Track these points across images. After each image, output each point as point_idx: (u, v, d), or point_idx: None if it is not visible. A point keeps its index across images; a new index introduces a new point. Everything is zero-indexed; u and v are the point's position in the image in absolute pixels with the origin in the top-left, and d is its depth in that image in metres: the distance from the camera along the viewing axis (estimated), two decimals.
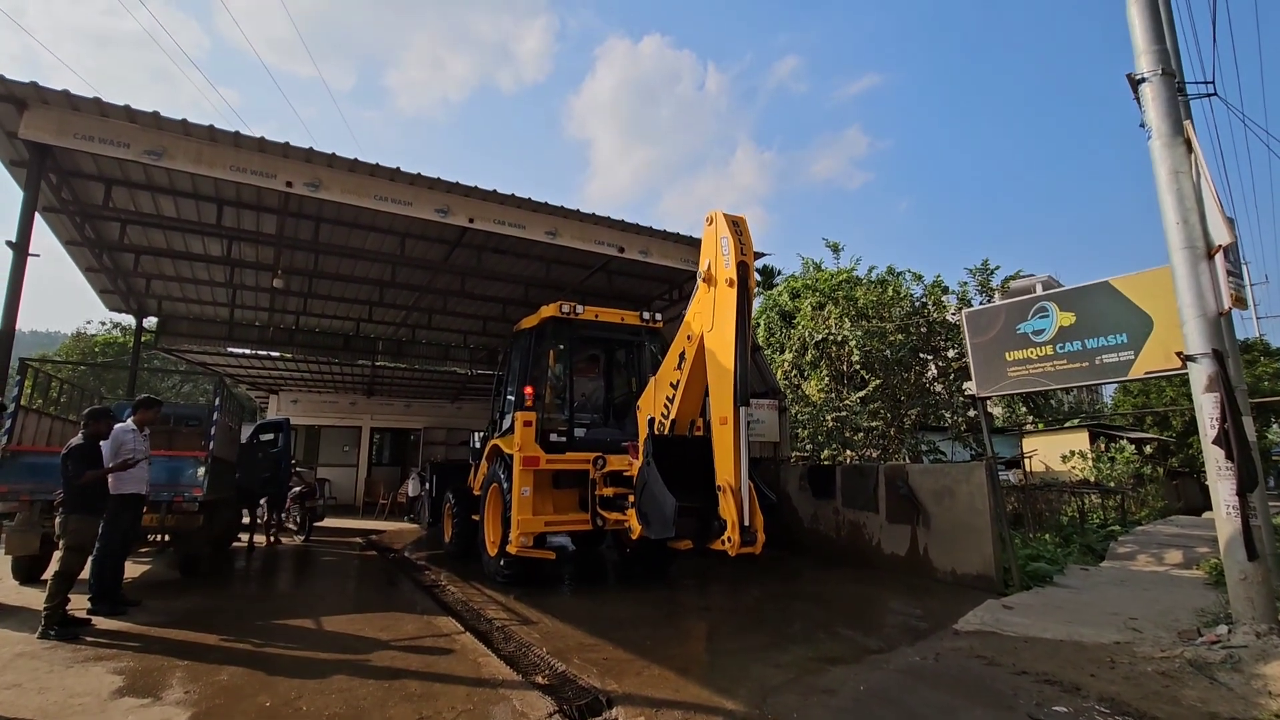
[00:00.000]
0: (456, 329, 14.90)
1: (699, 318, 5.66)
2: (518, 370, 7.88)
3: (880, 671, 4.46)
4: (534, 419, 6.96)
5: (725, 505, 4.89)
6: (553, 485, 7.18)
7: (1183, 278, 5.27)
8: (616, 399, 8.35)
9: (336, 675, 4.25)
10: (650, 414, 6.20)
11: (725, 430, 5.04)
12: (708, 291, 5.49)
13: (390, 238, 9.77)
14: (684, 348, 5.87)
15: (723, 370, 5.18)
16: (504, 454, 7.22)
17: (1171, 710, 3.78)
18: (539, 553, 6.88)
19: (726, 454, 4.99)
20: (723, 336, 5.23)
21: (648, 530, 5.48)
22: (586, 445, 7.21)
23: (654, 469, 5.36)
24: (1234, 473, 4.76)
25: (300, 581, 7.51)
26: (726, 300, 5.22)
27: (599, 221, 8.99)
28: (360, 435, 19.53)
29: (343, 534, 12.28)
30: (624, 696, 3.98)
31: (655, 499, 5.29)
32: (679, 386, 5.92)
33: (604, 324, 7.66)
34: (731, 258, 5.23)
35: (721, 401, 5.13)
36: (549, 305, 7.45)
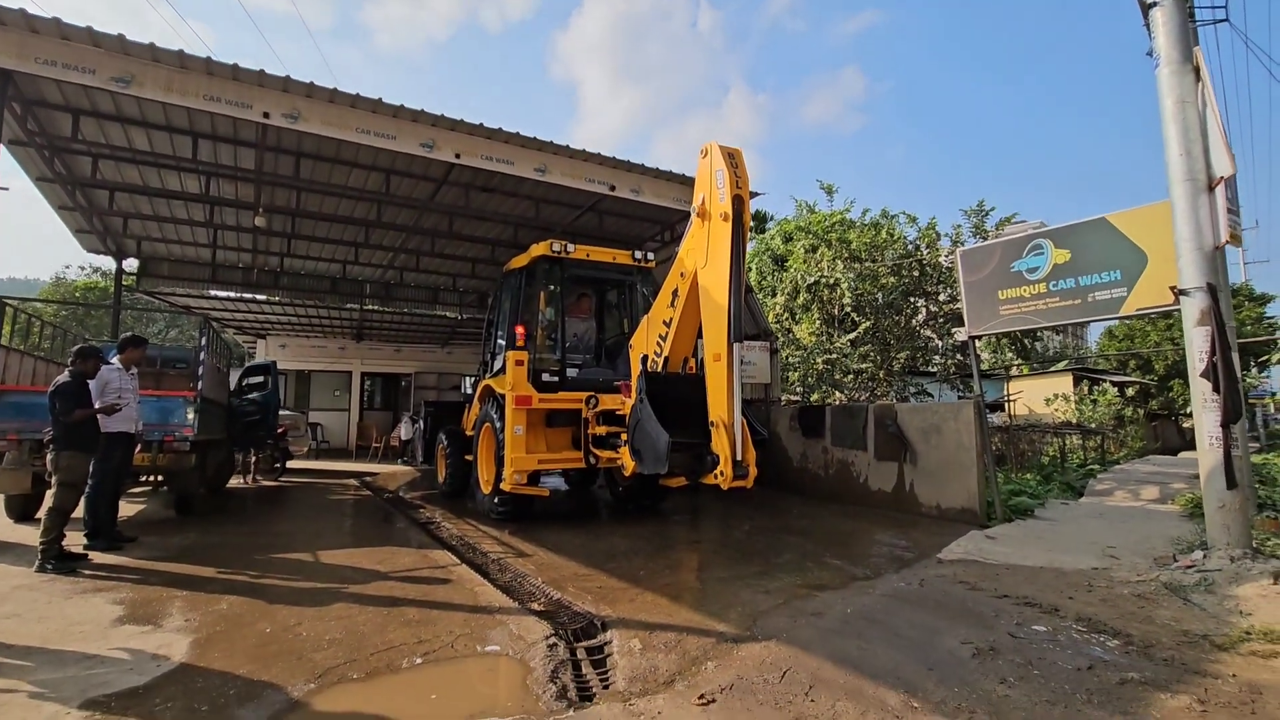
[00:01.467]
0: (445, 271, 14.68)
1: (692, 254, 5.56)
2: (508, 311, 7.80)
3: (866, 596, 4.60)
4: (526, 358, 6.92)
5: (718, 440, 4.93)
6: (545, 424, 7.20)
7: (1182, 211, 5.21)
8: (608, 339, 8.26)
9: (335, 603, 4.33)
10: (643, 352, 6.16)
11: (719, 367, 5.04)
12: (702, 227, 5.38)
13: (375, 174, 9.48)
14: (677, 285, 5.79)
15: (716, 307, 5.12)
16: (496, 394, 7.20)
17: (1145, 629, 3.93)
18: (533, 490, 6.94)
19: (720, 390, 4.99)
20: (717, 272, 5.15)
21: (641, 466, 5.51)
22: (579, 385, 7.18)
23: (647, 406, 5.37)
24: (1220, 405, 4.82)
25: (297, 520, 7.59)
26: (721, 235, 5.12)
27: (589, 158, 8.74)
28: (351, 380, 19.50)
29: (337, 476, 12.38)
30: (618, 621, 4.09)
31: (648, 435, 5.31)
32: (672, 324, 5.86)
33: (595, 263, 7.58)
34: (726, 191, 5.07)
35: (715, 338, 5.10)
36: (539, 244, 7.31)
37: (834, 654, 3.50)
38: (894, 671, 3.28)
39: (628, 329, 8.03)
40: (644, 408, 5.40)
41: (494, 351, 8.15)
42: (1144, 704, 2.98)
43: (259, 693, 3.02)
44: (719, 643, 3.73)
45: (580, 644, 3.78)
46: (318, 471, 13.10)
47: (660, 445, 5.12)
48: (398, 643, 3.65)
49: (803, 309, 14.22)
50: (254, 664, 3.33)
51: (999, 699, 3.02)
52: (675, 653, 3.58)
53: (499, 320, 8.22)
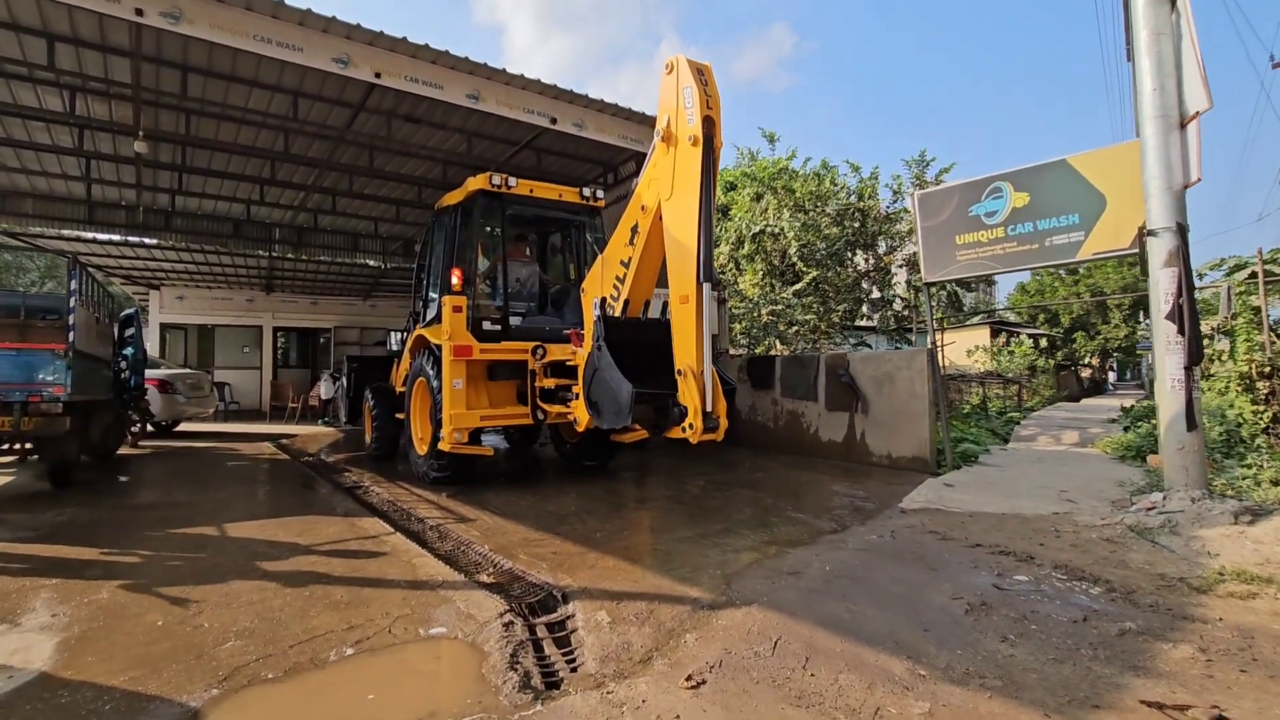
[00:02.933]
0: (366, 215, 13.45)
1: (655, 184, 4.98)
2: (442, 252, 7.06)
3: (841, 551, 4.36)
4: (465, 304, 6.26)
5: (686, 390, 4.51)
6: (487, 377, 6.60)
7: (1153, 149, 5.06)
8: (553, 285, 7.67)
9: (245, 585, 3.70)
10: (597, 295, 5.61)
11: (686, 310, 4.57)
12: (666, 153, 4.79)
13: (280, 96, 8.29)
14: (636, 220, 5.20)
15: (683, 243, 4.61)
16: (431, 345, 6.54)
17: (1122, 574, 3.85)
18: (474, 449, 6.37)
19: (688, 335, 4.54)
20: (684, 204, 4.61)
21: (599, 420, 5.05)
22: (523, 335, 6.60)
23: (606, 354, 4.87)
24: (1184, 347, 4.77)
25: (200, 489, 6.73)
26: (689, 161, 4.57)
27: (528, 85, 7.92)
28: (261, 335, 17.96)
29: (249, 439, 11.31)
30: (580, 591, 3.66)
31: (608, 386, 4.85)
32: (631, 264, 5.31)
33: (540, 200, 6.88)
34: (696, 111, 4.50)
35: (682, 278, 4.60)
36: (476, 177, 6.57)
37: (823, 619, 3.20)
38: (891, 635, 3.01)
39: (575, 274, 7.48)
40: (603, 356, 4.90)
41: (426, 299, 7.45)
42: (1149, 656, 2.83)
43: (144, 706, 2.42)
44: (695, 610, 3.37)
45: (539, 620, 3.34)
46: (226, 435, 11.96)
47: (622, 396, 4.66)
48: (323, 630, 3.10)
49: (747, 259, 13.92)
50: (139, 668, 2.71)
51: (1005, 659, 2.79)
52: (649, 625, 3.20)
53: (431, 264, 7.47)
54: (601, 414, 4.98)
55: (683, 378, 4.53)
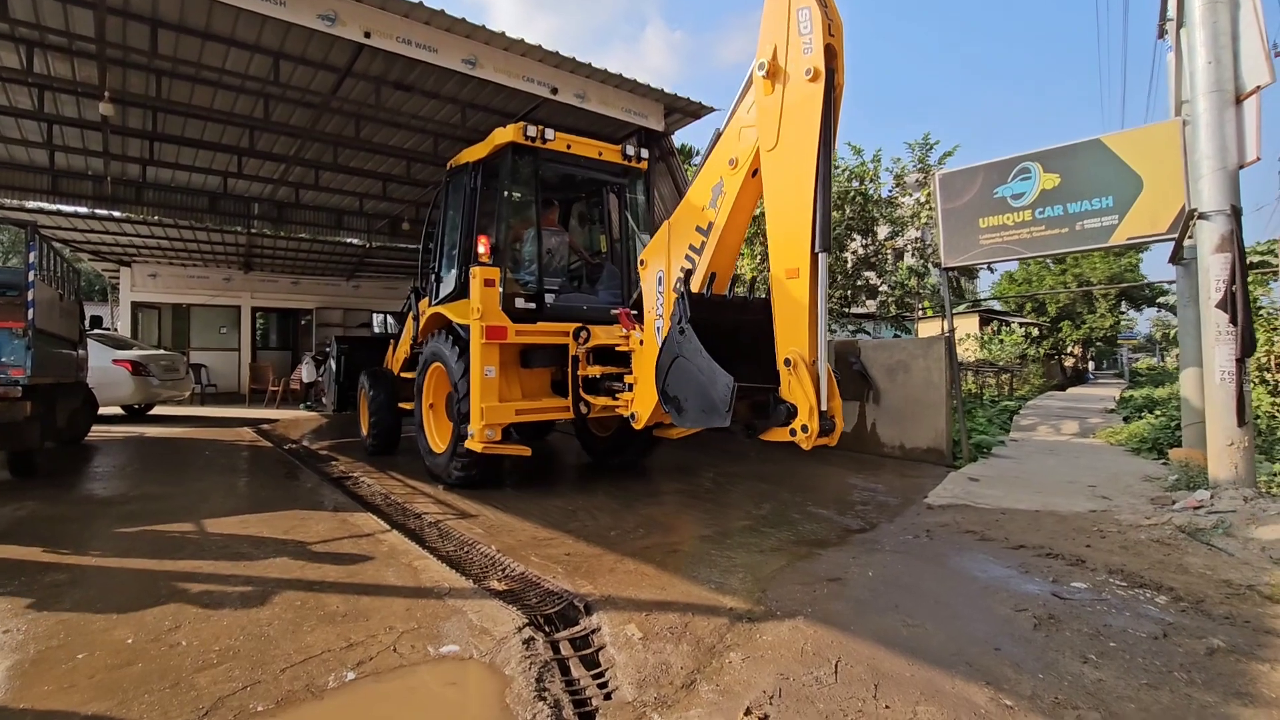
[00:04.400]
0: (351, 190, 12.84)
1: (750, 133, 4.06)
2: (462, 217, 6.11)
3: (879, 554, 4.05)
4: (498, 277, 5.40)
5: (795, 384, 3.69)
6: (520, 364, 5.77)
7: (1206, 125, 4.75)
8: (589, 258, 6.89)
9: (227, 593, 3.30)
10: (660, 268, 4.71)
11: (795, 286, 3.73)
12: (770, 93, 3.82)
13: (259, 58, 7.69)
14: (721, 177, 4.31)
15: (791, 204, 3.73)
16: (454, 325, 5.70)
17: (1185, 580, 3.59)
18: (510, 448, 5.48)
19: (797, 316, 3.72)
20: (795, 155, 3.67)
21: (680, 419, 4.17)
22: (557, 315, 5.78)
23: (693, 338, 4.00)
24: (1236, 338, 4.50)
25: (175, 480, 6.26)
26: (805, 102, 3.63)
27: (529, 51, 7.43)
28: (240, 315, 17.28)
29: (227, 424, 10.79)
30: (603, 600, 3.31)
31: (696, 377, 3.97)
32: (712, 231, 4.38)
33: (576, 158, 5.97)
34: (816, 37, 3.57)
35: (789, 246, 3.74)
36: (505, 128, 5.70)
37: (881, 635, 2.88)
38: (960, 656, 2.70)
39: (613, 244, 6.73)
40: (687, 341, 4.03)
41: (438, 271, 6.54)
42: (1248, 680, 2.55)
43: None
44: (733, 623, 3.05)
45: (562, 634, 2.98)
46: (204, 419, 11.42)
47: (718, 390, 3.78)
48: (319, 649, 2.72)
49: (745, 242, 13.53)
50: (106, 698, 2.32)
51: (1094, 685, 2.49)
52: (685, 641, 2.86)
53: (445, 231, 6.56)
54: (683, 411, 4.11)
55: (791, 368, 3.68)
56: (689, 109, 9.00)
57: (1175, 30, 5.67)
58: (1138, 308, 38.97)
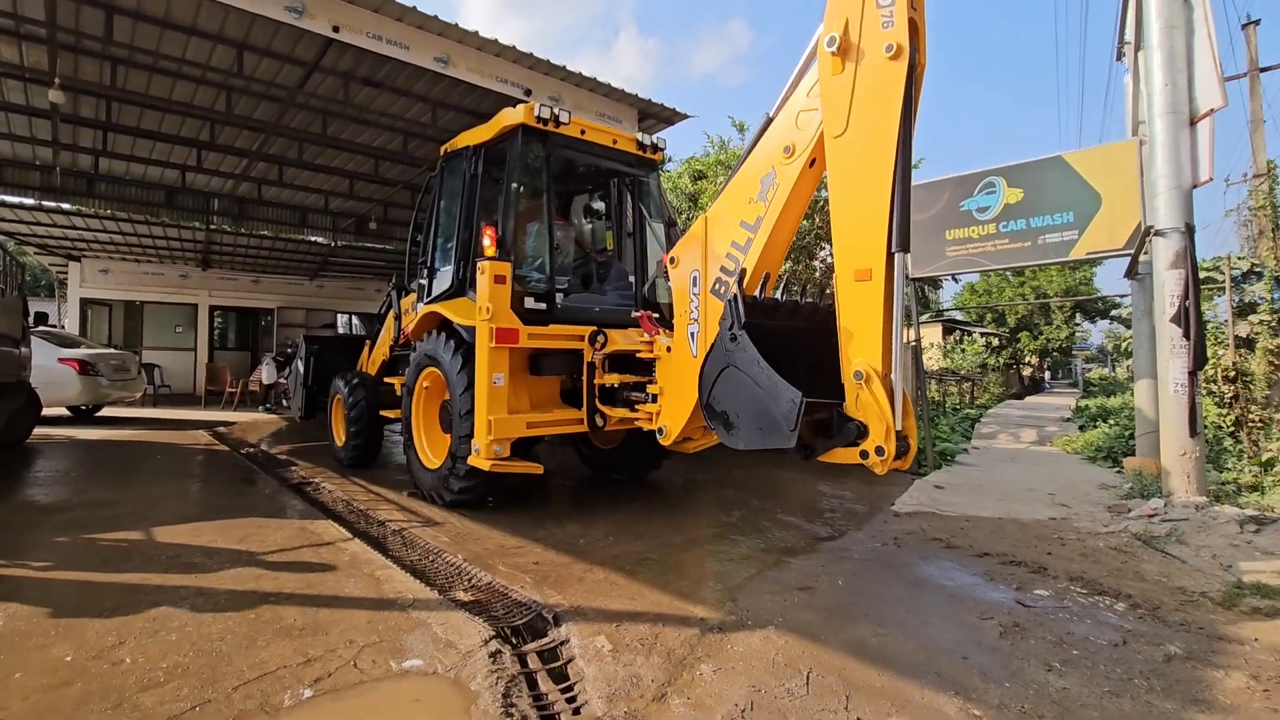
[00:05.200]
0: (316, 188, 12.51)
1: (812, 117, 3.62)
2: (461, 206, 5.51)
3: (847, 562, 4.07)
4: (509, 274, 4.82)
5: (866, 400, 3.25)
6: (528, 370, 5.20)
7: (1163, 145, 4.92)
8: (597, 255, 6.32)
9: (176, 606, 3.15)
10: (695, 267, 4.18)
11: (867, 290, 3.29)
12: (839, 72, 3.38)
13: (222, 48, 7.44)
14: (774, 166, 3.80)
15: (863, 197, 3.30)
16: (455, 326, 5.14)
17: (1141, 587, 3.69)
18: (520, 465, 4.83)
19: (869, 324, 3.29)
20: (870, 142, 3.26)
21: (729, 437, 3.66)
22: (567, 316, 5.25)
23: (748, 346, 3.55)
24: (1189, 351, 4.66)
25: (124, 485, 5.99)
26: (883, 82, 3.23)
27: (503, 52, 7.34)
28: (197, 314, 16.71)
29: (181, 426, 10.40)
30: (572, 610, 3.25)
31: (753, 391, 3.49)
32: (761, 226, 3.86)
33: (590, 145, 5.47)
34: (898, 10, 3.18)
35: (859, 245, 3.31)
36: (515, 108, 5.14)
37: (852, 646, 2.89)
38: (930, 666, 2.71)
39: (626, 240, 6.26)
40: (742, 349, 3.57)
41: (431, 266, 5.89)
42: (1205, 686, 2.62)
43: None
44: (704, 634, 3.02)
45: (529, 646, 2.91)
46: (156, 421, 10.98)
47: (781, 405, 3.30)
48: (274, 665, 2.60)
49: None
50: None
51: (1059, 693, 2.52)
52: (656, 653, 2.82)
53: (437, 221, 5.95)
54: (734, 428, 3.62)
55: (862, 382, 3.24)
56: (663, 115, 9.00)
57: (1133, 53, 5.88)
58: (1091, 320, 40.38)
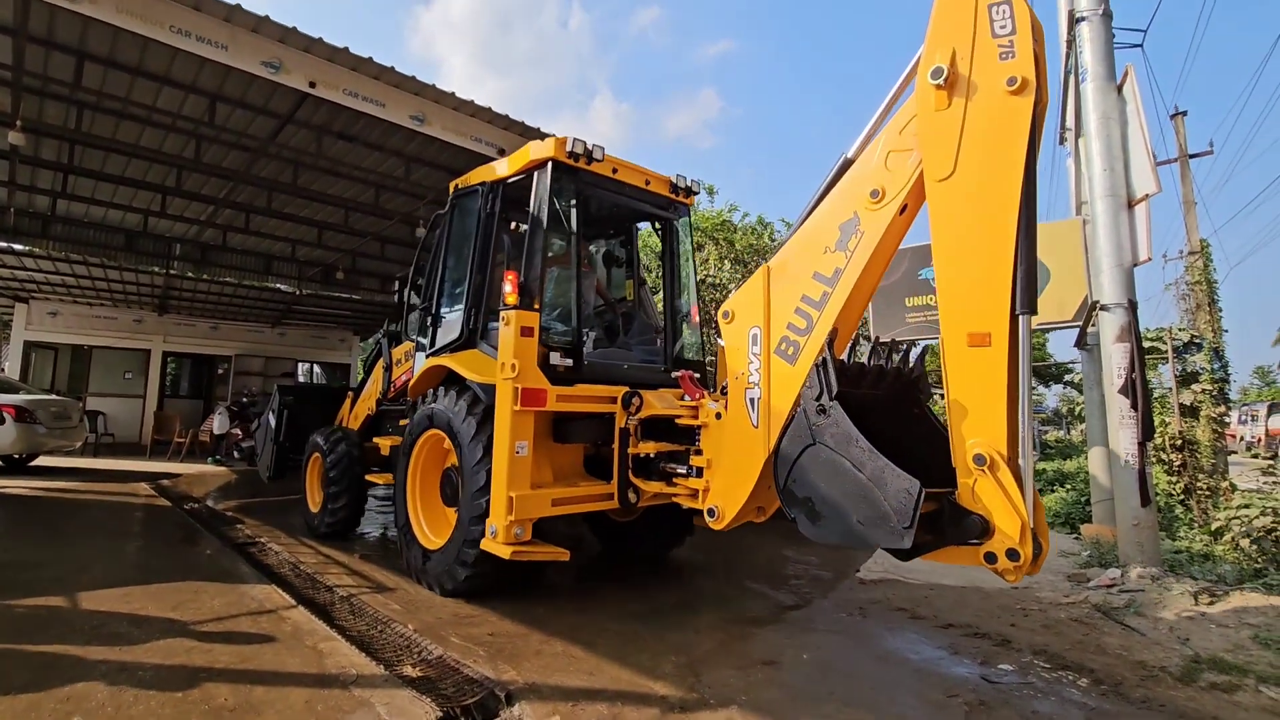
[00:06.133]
0: (283, 236, 12.38)
1: (911, 156, 3.14)
2: (474, 248, 4.97)
3: (814, 634, 3.99)
4: (537, 325, 4.27)
5: (989, 489, 2.67)
6: (552, 437, 4.51)
7: (1104, 227, 5.20)
8: (619, 306, 5.79)
9: (96, 682, 2.90)
10: (756, 324, 3.60)
11: (986, 357, 2.79)
12: (943, 108, 2.98)
13: (195, 98, 7.44)
14: (857, 211, 3.29)
15: (979, 248, 2.85)
16: (467, 383, 4.54)
17: (1103, 661, 3.68)
18: (545, 551, 4.10)
19: (990, 398, 2.77)
20: (987, 186, 2.84)
21: (816, 529, 3.03)
22: (594, 375, 4.65)
23: (844, 420, 2.97)
24: (1137, 422, 4.81)
25: (51, 543, 5.61)
26: (1005, 119, 2.81)
27: (478, 112, 7.48)
28: (149, 360, 16.13)
29: (122, 478, 9.87)
30: (527, 688, 3.10)
31: (850, 475, 2.89)
32: (839, 279, 3.29)
33: (621, 185, 4.96)
34: (1021, 40, 2.81)
35: (976, 305, 2.83)
36: (543, 141, 4.65)
37: None
38: None
39: (634, 291, 5.86)
40: (834, 425, 2.99)
41: (435, 313, 5.24)
42: None
43: None
44: (666, 713, 2.90)
45: None
46: (95, 472, 10.41)
47: (895, 495, 2.73)
48: None
49: None
50: None
51: None
52: None
53: (443, 264, 5.38)
54: (822, 519, 3.00)
55: (984, 468, 2.69)
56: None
57: (1074, 139, 6.28)
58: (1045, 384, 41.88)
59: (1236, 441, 26.09)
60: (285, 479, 7.42)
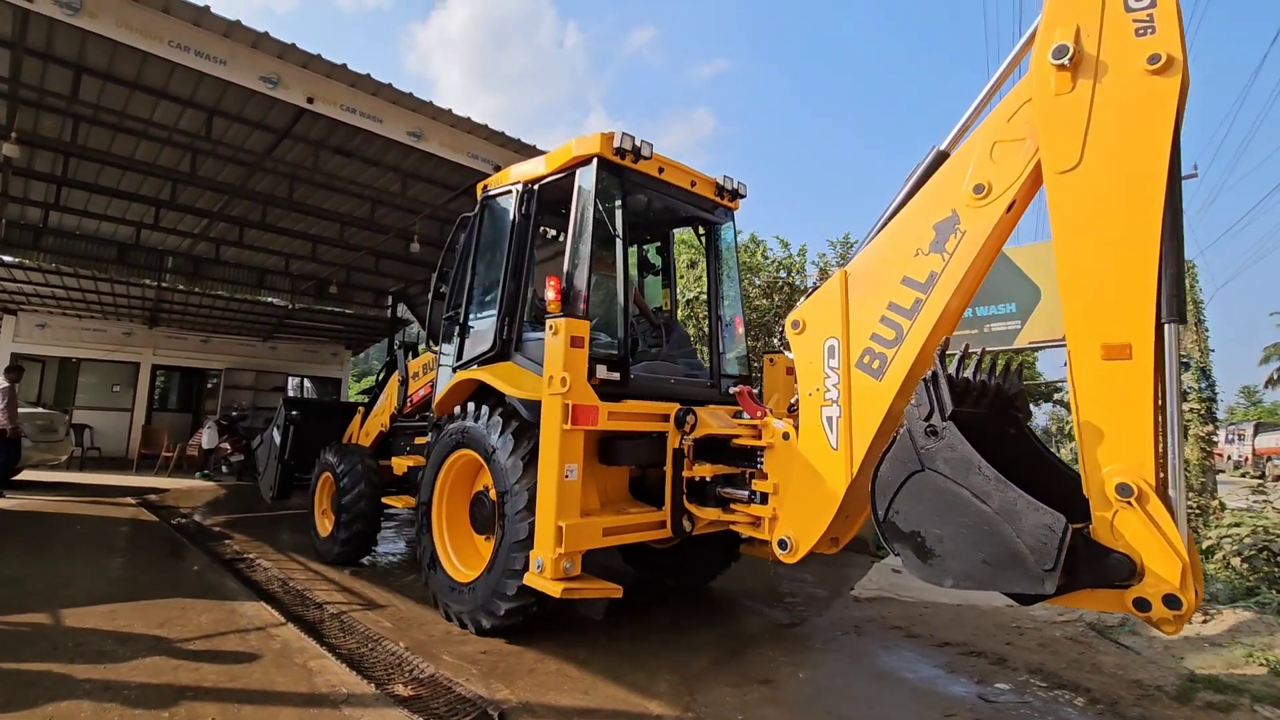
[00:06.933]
0: (277, 250, 12.38)
1: (1021, 148, 2.83)
2: (507, 253, 4.60)
3: (810, 652, 3.97)
4: (587, 335, 3.78)
5: (1135, 525, 2.35)
6: (599, 459, 4.08)
7: None
8: (660, 315, 5.45)
9: (81, 700, 2.84)
10: (833, 335, 3.23)
11: (1125, 373, 2.44)
12: (1065, 91, 2.65)
13: (192, 112, 7.46)
14: (956, 209, 2.96)
15: (1113, 248, 2.52)
16: (505, 399, 4.15)
17: (1099, 680, 3.67)
18: (597, 587, 3.65)
19: (1134, 419, 2.43)
20: (1123, 176, 2.52)
21: (927, 570, 2.69)
22: (640, 390, 4.25)
23: (962, 444, 2.63)
24: None
25: (35, 560, 5.51)
26: (1146, 101, 2.49)
27: (475, 129, 7.54)
28: (138, 373, 15.96)
29: (108, 493, 9.73)
30: (520, 707, 3.06)
31: (971, 508, 2.56)
32: (935, 285, 2.94)
33: (667, 186, 4.60)
34: (1163, 14, 2.49)
35: (1112, 312, 2.50)
36: (588, 137, 4.27)
37: None
38: None
39: (669, 301, 5.59)
40: (950, 449, 2.65)
41: (464, 322, 4.85)
42: None
43: None
44: None
45: None
46: (81, 487, 10.26)
47: (1032, 531, 2.40)
48: None
49: None
50: None
51: None
52: None
53: (472, 269, 4.97)
54: (935, 558, 2.65)
55: (1130, 500, 2.36)
56: None
57: None
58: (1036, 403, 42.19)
59: (1224, 460, 26.32)
60: (289, 496, 7.01)
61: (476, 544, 4.39)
